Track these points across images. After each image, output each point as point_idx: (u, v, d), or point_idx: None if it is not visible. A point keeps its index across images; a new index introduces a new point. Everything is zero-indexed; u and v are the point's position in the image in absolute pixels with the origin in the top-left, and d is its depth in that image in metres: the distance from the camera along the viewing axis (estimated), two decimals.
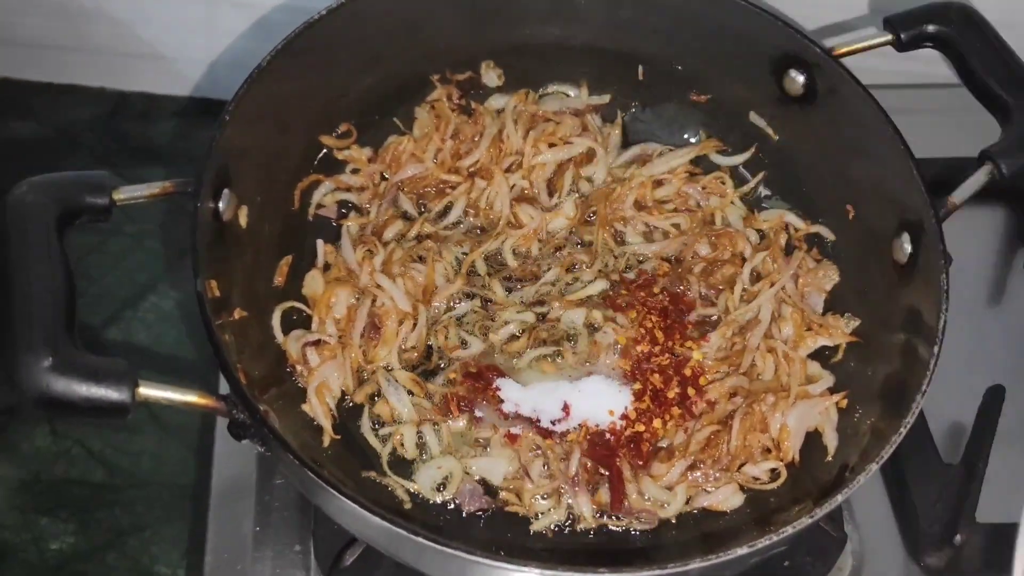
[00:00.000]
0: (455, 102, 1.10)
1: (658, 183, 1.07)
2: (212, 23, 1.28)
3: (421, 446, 0.92)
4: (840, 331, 0.97)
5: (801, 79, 1.00)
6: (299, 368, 0.94)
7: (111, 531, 1.10)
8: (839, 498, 0.77)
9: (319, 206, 1.04)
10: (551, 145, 1.07)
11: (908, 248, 0.91)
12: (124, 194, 0.79)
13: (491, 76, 1.12)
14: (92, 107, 1.39)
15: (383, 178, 1.07)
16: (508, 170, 1.06)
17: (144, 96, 1.39)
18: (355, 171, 1.07)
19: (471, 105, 1.10)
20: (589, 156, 1.08)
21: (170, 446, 1.16)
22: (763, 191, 1.09)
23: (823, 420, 0.93)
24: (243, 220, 0.92)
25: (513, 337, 0.98)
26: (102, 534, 1.10)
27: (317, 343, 0.94)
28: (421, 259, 1.00)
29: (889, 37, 0.97)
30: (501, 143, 1.07)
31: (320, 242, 1.01)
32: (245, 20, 1.27)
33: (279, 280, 0.98)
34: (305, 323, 0.97)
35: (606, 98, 1.12)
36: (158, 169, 1.35)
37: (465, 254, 1.02)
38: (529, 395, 0.94)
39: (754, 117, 1.08)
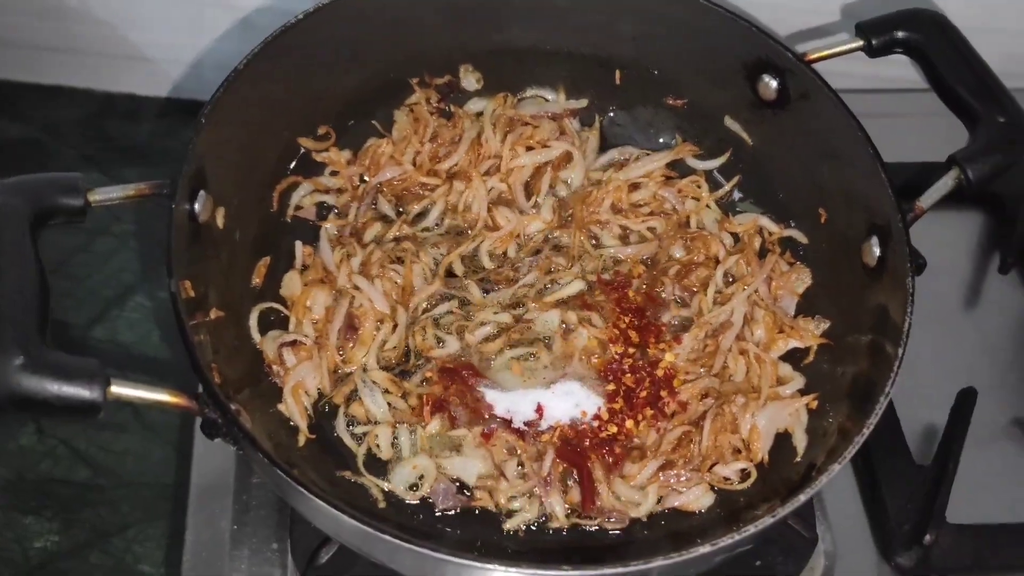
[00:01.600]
0: (434, 105, 1.11)
1: (634, 186, 1.08)
2: (198, 25, 1.29)
3: (396, 446, 0.93)
4: (811, 334, 0.98)
5: (774, 84, 1.01)
6: (275, 368, 0.94)
7: (95, 530, 1.11)
8: (801, 498, 0.78)
9: (297, 207, 1.05)
10: (529, 148, 1.08)
11: (877, 251, 0.93)
12: (99, 195, 0.80)
13: (470, 80, 1.13)
14: (78, 108, 1.39)
15: (362, 180, 1.08)
16: (486, 173, 1.07)
17: (130, 97, 1.40)
18: (334, 173, 1.07)
19: (450, 108, 1.11)
20: (567, 159, 1.09)
21: (154, 445, 1.16)
22: (737, 195, 1.10)
23: (793, 421, 0.94)
24: (220, 221, 0.93)
25: (488, 338, 0.99)
26: (86, 533, 1.11)
27: (293, 343, 0.95)
28: (399, 260, 1.01)
29: (860, 43, 0.98)
30: (480, 146, 1.08)
31: (298, 243, 1.02)
32: (230, 22, 1.28)
33: (257, 281, 0.99)
34: (283, 324, 0.98)
35: (584, 102, 1.13)
36: (144, 169, 1.35)
37: (443, 255, 1.03)
38: (503, 396, 0.95)
39: (729, 121, 1.09)
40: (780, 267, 1.03)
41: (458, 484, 0.91)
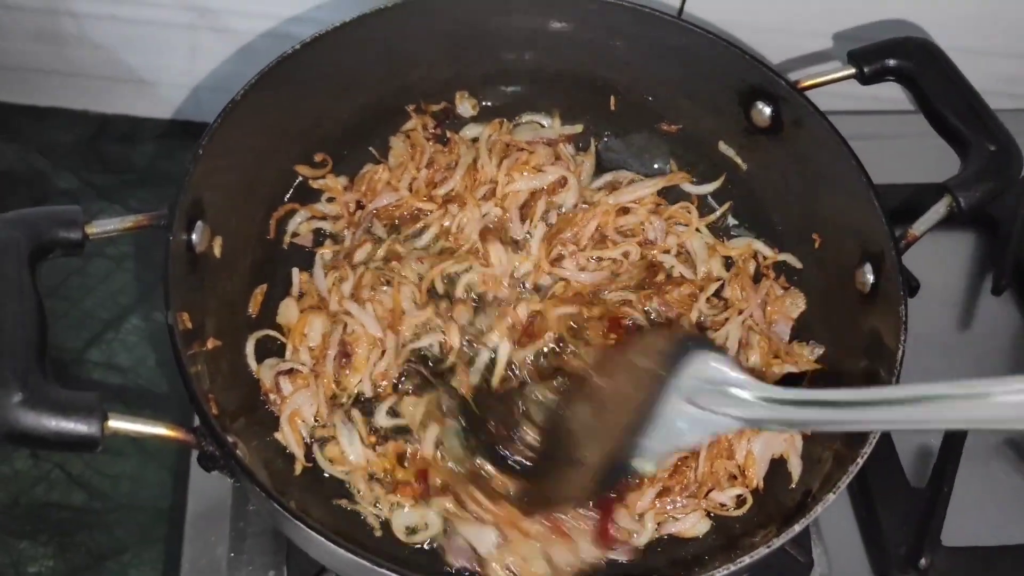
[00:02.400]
0: (430, 131, 1.12)
1: (624, 211, 1.08)
2: (194, 48, 1.29)
3: None
4: (805, 359, 0.99)
5: (768, 111, 1.02)
6: (272, 397, 0.95)
7: (90, 555, 1.10)
8: (797, 528, 0.78)
9: (294, 235, 1.05)
10: (524, 173, 1.08)
11: (870, 278, 0.93)
12: (97, 228, 0.80)
13: (465, 106, 1.14)
14: (75, 129, 1.40)
15: (359, 206, 1.08)
16: (483, 198, 1.07)
17: (127, 119, 1.40)
18: (330, 200, 1.08)
19: (446, 134, 1.12)
20: (561, 184, 1.09)
21: (150, 469, 1.16)
22: (731, 220, 1.11)
23: (788, 447, 0.94)
24: (217, 250, 0.93)
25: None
26: (81, 557, 1.10)
27: (290, 372, 0.95)
28: (389, 283, 1.01)
29: (853, 71, 0.99)
30: (476, 172, 1.08)
31: (295, 271, 1.02)
32: (227, 45, 1.28)
33: (253, 309, 0.99)
34: (279, 351, 0.98)
35: (578, 128, 1.14)
36: (140, 191, 1.36)
37: (426, 271, 1.02)
38: None
39: (723, 147, 1.09)
40: (775, 292, 1.04)
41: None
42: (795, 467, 0.93)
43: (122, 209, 1.34)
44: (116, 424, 0.71)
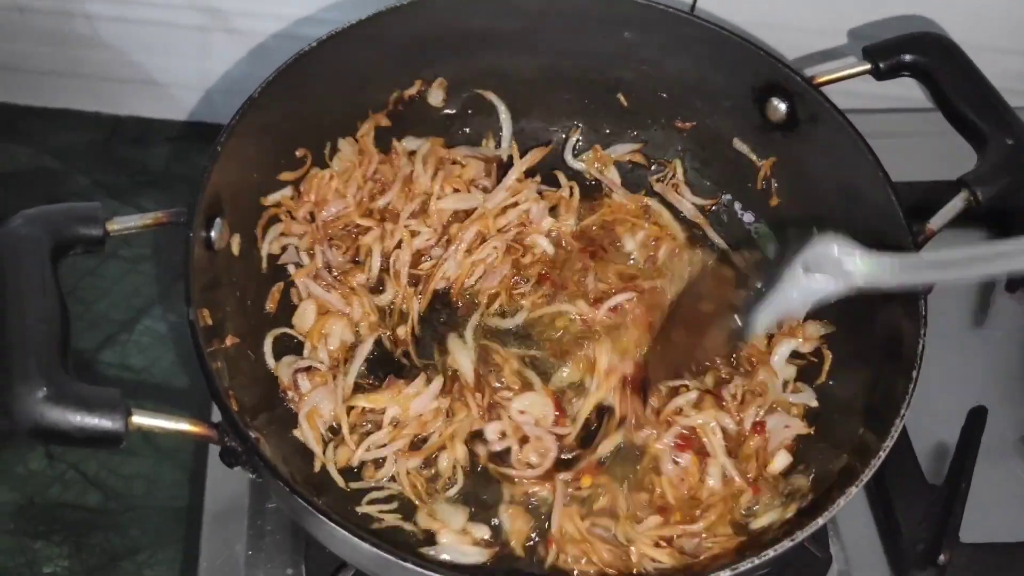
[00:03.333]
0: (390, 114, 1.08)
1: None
2: (206, 49, 1.30)
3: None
4: (812, 335, 0.99)
5: (783, 107, 1.02)
6: (290, 394, 0.95)
7: (105, 555, 1.11)
8: (820, 521, 0.78)
9: (270, 256, 1.00)
10: (455, 190, 1.06)
11: None
12: (117, 224, 0.80)
13: (437, 94, 1.11)
14: (88, 132, 1.41)
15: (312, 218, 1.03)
16: (412, 216, 1.04)
17: (139, 120, 1.41)
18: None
19: (391, 143, 1.08)
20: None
21: (164, 469, 1.17)
22: (750, 216, 1.11)
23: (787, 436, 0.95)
24: (236, 248, 0.94)
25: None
26: (96, 558, 1.11)
27: (308, 369, 0.95)
28: None
29: (868, 66, 0.99)
30: (411, 185, 1.06)
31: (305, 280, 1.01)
32: (239, 46, 1.29)
33: (271, 306, 0.99)
34: (297, 349, 0.98)
35: (500, 153, 1.12)
36: (153, 193, 1.36)
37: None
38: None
39: (737, 144, 1.09)
40: None
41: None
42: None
43: (135, 211, 1.34)
44: (140, 420, 0.71)
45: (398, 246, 1.03)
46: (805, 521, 0.79)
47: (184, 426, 0.73)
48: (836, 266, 0.86)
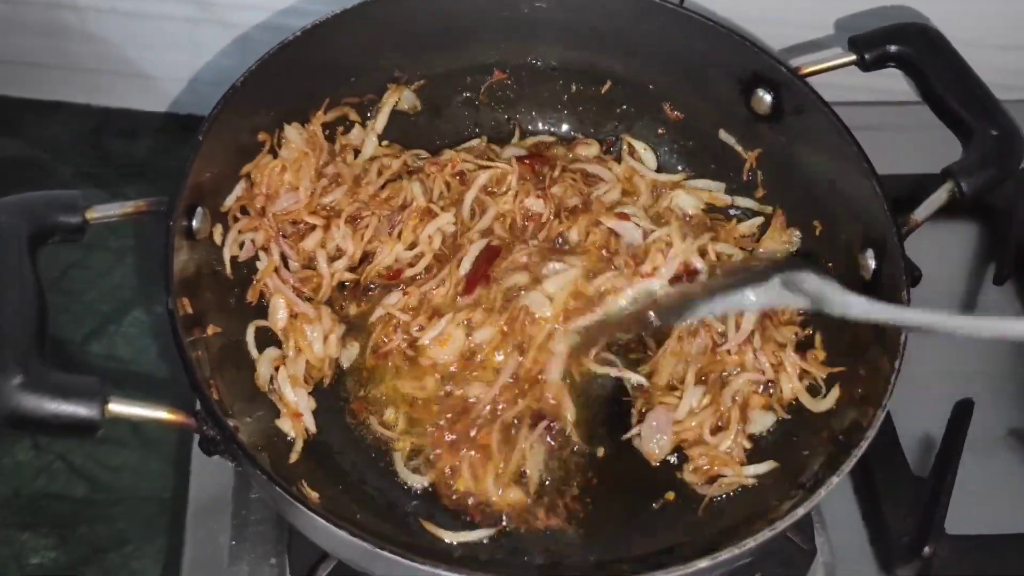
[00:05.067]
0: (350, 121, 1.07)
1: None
2: (194, 41, 1.29)
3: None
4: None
5: (768, 98, 1.02)
6: (268, 390, 0.94)
7: (92, 546, 1.10)
8: (799, 511, 0.78)
9: (233, 258, 0.96)
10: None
11: (872, 264, 0.93)
12: (97, 213, 0.80)
13: (408, 98, 1.10)
14: (77, 124, 1.40)
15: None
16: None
17: (128, 113, 1.40)
18: (244, 211, 0.99)
19: (335, 134, 1.06)
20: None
21: (152, 460, 1.16)
22: (734, 209, 1.11)
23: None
24: (218, 237, 0.93)
25: None
26: (83, 549, 1.10)
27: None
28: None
29: (854, 57, 0.99)
30: (358, 188, 1.04)
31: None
32: (227, 38, 1.28)
33: (252, 297, 0.98)
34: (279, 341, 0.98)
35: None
36: (141, 185, 1.36)
37: None
38: None
39: (724, 135, 1.09)
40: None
41: None
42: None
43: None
44: (117, 408, 0.71)
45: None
46: (785, 511, 0.78)
47: (162, 414, 0.73)
48: (816, 294, 0.89)
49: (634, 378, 0.98)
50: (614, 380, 0.99)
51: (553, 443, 0.95)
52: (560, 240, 1.05)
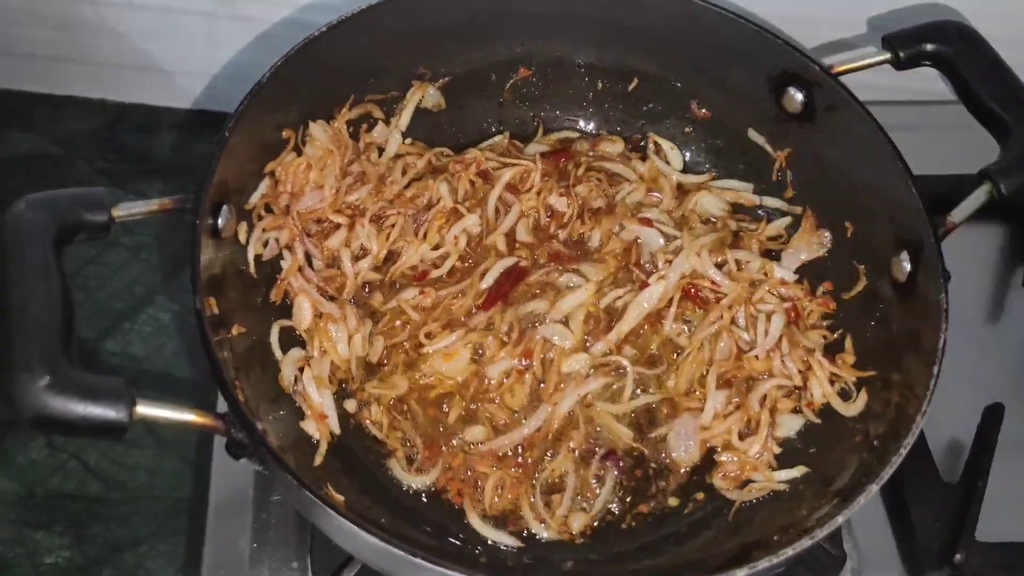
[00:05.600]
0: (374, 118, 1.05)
1: None
2: (212, 36, 1.28)
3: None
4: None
5: (800, 97, 1.00)
6: (293, 391, 0.93)
7: (106, 545, 1.10)
8: (839, 519, 0.76)
9: (257, 257, 0.94)
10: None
11: (907, 266, 0.91)
12: (123, 211, 0.78)
13: (433, 95, 1.08)
14: (92, 119, 1.39)
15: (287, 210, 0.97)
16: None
17: (144, 108, 1.39)
18: (268, 209, 0.97)
19: (359, 132, 1.05)
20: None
21: (166, 459, 1.15)
22: (763, 203, 1.09)
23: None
24: (242, 236, 0.92)
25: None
26: (97, 548, 1.09)
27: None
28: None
29: (888, 56, 0.97)
30: (383, 186, 1.03)
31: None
32: (245, 34, 1.27)
33: (276, 296, 0.96)
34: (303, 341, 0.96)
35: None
36: (157, 182, 1.35)
37: None
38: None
39: (752, 135, 1.07)
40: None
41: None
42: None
43: (139, 199, 1.33)
44: (144, 410, 0.69)
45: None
46: (823, 518, 0.77)
47: (190, 416, 0.71)
48: None
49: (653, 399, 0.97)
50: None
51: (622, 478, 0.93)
52: (582, 239, 1.04)
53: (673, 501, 0.93)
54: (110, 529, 1.11)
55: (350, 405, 0.95)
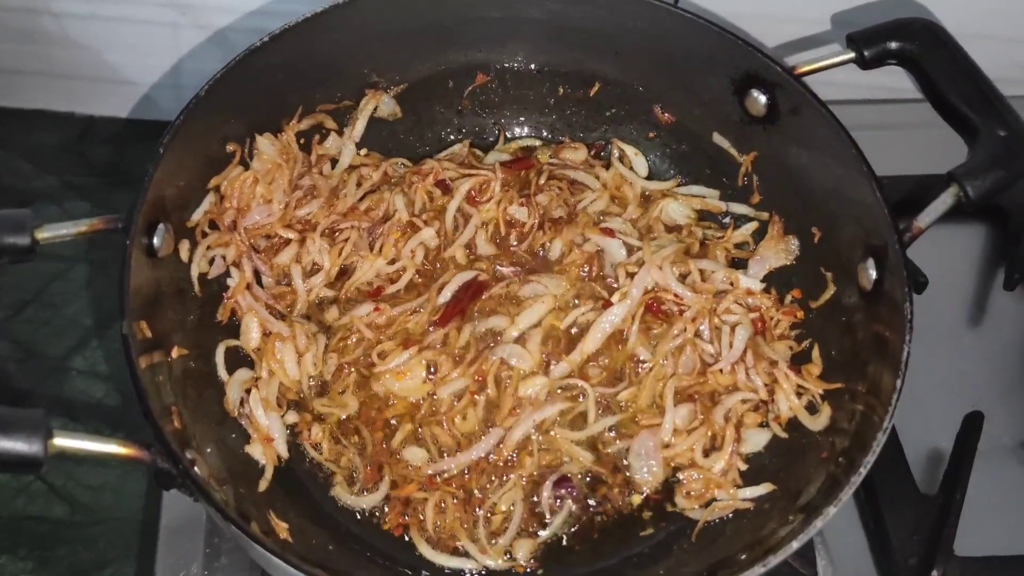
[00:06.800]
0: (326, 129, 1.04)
1: None
2: (177, 47, 1.27)
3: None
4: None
5: (763, 99, 0.98)
6: (238, 414, 0.91)
7: (71, 569, 1.08)
8: (794, 545, 0.73)
9: (201, 275, 0.92)
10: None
11: (873, 274, 0.89)
12: (47, 233, 0.76)
13: (388, 105, 1.06)
14: (61, 132, 1.38)
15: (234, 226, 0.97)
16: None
17: (113, 120, 1.38)
18: (214, 225, 0.95)
19: (311, 144, 1.03)
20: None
21: (133, 480, 1.14)
22: (729, 209, 1.07)
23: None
24: (184, 254, 0.90)
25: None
26: (62, 572, 1.08)
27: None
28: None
29: (852, 55, 0.94)
30: (335, 200, 1.01)
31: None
32: (211, 44, 1.25)
33: (222, 316, 0.95)
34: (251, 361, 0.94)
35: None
36: (128, 195, 1.32)
37: None
38: None
39: (717, 138, 1.05)
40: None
41: None
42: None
43: (107, 212, 1.31)
44: (62, 442, 0.67)
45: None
46: (791, 536, 0.74)
47: (113, 448, 0.69)
48: None
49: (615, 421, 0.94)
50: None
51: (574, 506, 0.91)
52: (543, 250, 1.01)
53: (634, 523, 0.90)
54: (75, 552, 1.09)
55: (291, 417, 0.92)
